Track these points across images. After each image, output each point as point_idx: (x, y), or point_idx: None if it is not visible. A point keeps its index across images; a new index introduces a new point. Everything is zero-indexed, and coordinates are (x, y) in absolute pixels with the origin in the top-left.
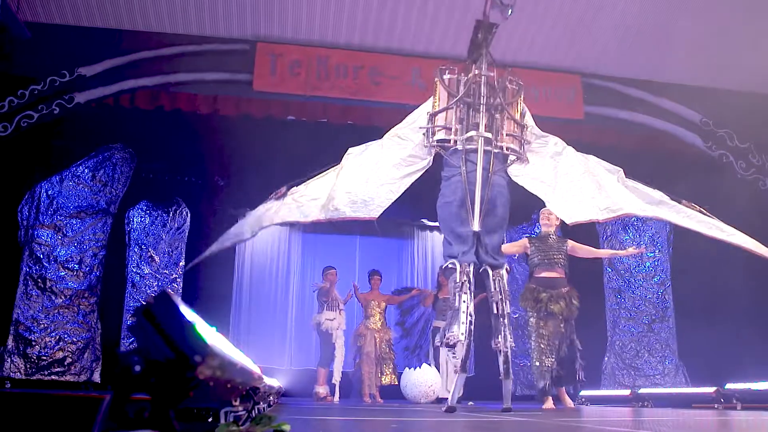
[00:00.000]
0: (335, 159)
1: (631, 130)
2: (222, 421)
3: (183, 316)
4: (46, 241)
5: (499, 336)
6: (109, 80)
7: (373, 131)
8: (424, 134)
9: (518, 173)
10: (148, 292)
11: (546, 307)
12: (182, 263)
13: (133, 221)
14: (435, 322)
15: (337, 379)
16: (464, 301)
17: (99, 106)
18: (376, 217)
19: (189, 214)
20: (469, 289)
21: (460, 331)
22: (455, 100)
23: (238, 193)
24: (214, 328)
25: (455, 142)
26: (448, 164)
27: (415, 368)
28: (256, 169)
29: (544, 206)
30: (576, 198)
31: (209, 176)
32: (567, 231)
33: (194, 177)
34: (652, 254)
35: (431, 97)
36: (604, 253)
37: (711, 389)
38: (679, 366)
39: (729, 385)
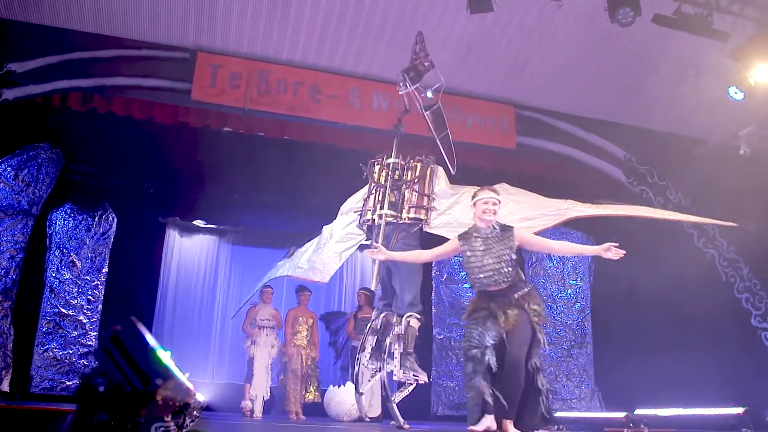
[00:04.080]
0: (267, 172)
1: (559, 162)
2: None
3: (147, 342)
4: None
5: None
6: (41, 78)
7: (308, 147)
8: (358, 215)
9: (438, 226)
10: (68, 298)
11: (491, 313)
12: (105, 269)
13: (55, 224)
14: (353, 341)
15: (255, 395)
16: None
17: (28, 103)
18: (326, 281)
19: (115, 220)
20: (375, 332)
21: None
22: (373, 186)
23: (167, 201)
24: (169, 352)
25: (373, 220)
26: (369, 237)
27: (339, 386)
28: (187, 178)
29: None
30: None
31: (139, 182)
32: None
33: (123, 182)
34: (574, 282)
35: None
36: (564, 249)
37: (621, 414)
38: (595, 391)
39: (638, 411)
